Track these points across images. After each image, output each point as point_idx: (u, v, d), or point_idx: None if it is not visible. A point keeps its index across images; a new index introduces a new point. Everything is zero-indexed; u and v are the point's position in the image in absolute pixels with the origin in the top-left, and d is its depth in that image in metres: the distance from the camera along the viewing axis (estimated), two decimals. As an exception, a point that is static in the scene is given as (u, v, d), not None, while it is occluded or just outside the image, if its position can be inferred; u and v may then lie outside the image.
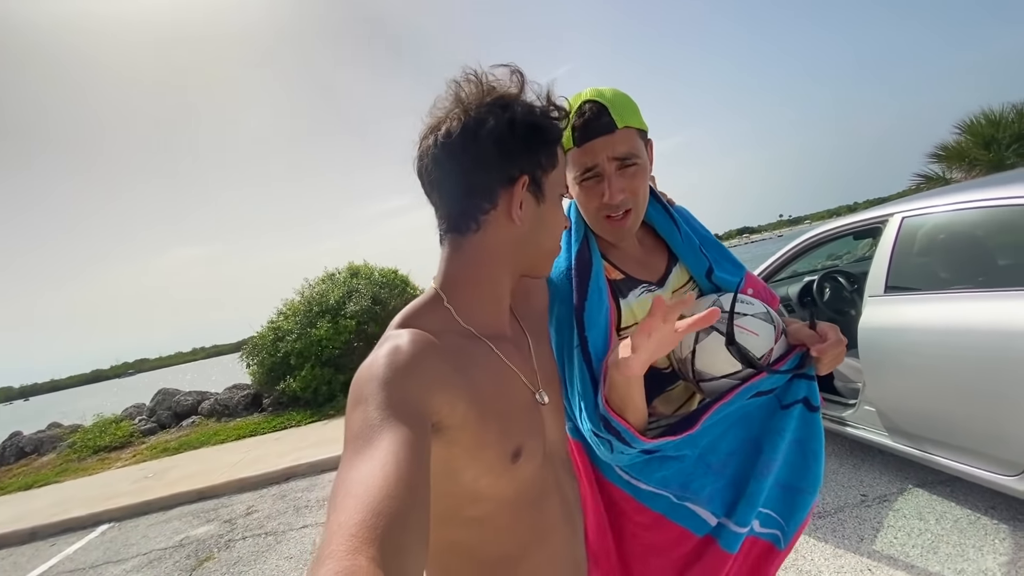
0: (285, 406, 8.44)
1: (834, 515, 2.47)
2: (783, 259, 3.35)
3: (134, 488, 5.59)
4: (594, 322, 0.84)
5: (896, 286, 2.41)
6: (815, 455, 0.89)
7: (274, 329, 8.90)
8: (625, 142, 0.85)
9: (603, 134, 0.84)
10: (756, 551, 0.90)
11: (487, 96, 0.65)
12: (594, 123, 0.84)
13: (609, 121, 0.84)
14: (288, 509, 4.24)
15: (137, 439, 8.28)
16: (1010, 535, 2.07)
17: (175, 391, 9.93)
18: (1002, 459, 1.92)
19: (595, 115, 0.84)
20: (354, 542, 0.38)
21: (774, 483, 0.88)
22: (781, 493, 0.89)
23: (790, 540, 0.89)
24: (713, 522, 0.87)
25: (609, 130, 0.84)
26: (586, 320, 0.84)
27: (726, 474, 0.88)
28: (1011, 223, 2.06)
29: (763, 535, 0.89)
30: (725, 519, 0.86)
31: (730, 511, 0.86)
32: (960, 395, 2.06)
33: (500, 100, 0.64)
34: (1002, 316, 1.89)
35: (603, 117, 0.84)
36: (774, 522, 0.89)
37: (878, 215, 2.69)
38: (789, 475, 0.89)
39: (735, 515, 0.85)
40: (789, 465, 0.89)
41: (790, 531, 0.89)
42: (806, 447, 0.89)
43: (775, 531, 0.89)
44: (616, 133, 0.84)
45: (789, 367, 0.83)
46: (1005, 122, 9.06)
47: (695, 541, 0.88)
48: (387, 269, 9.92)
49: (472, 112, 0.64)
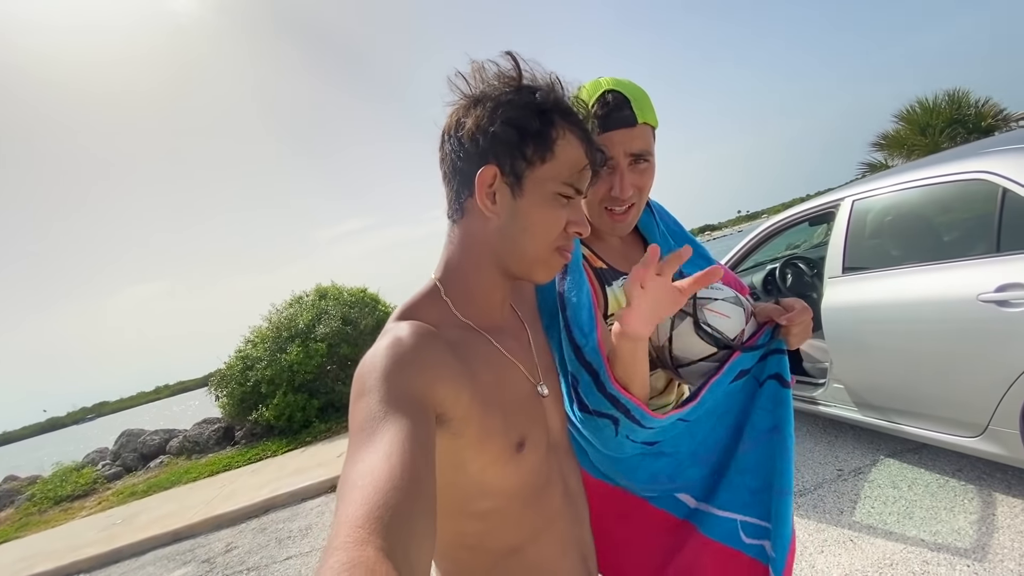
0: (259, 437, 8.17)
1: (814, 491, 2.54)
2: (745, 249, 3.46)
3: (102, 536, 5.28)
4: (575, 301, 0.83)
5: (853, 266, 2.52)
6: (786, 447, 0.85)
7: (242, 358, 8.62)
8: (642, 138, 0.84)
9: (622, 127, 0.82)
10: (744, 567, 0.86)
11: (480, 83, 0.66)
12: (615, 115, 0.82)
13: (630, 115, 0.82)
14: (270, 542, 4.09)
15: (102, 485, 7.85)
16: (977, 494, 2.17)
17: (140, 431, 9.48)
18: (963, 422, 2.02)
19: (617, 106, 0.82)
20: (361, 533, 0.38)
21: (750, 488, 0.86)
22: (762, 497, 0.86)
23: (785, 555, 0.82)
24: (693, 504, 0.88)
25: (629, 123, 0.82)
26: (567, 300, 0.83)
27: (710, 462, 0.89)
28: (950, 199, 2.20)
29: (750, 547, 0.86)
30: (705, 504, 0.87)
31: (710, 495, 0.88)
32: (918, 364, 2.16)
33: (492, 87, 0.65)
34: (950, 286, 2.00)
35: (624, 110, 0.82)
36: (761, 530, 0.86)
37: (830, 200, 2.81)
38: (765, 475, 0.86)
39: (714, 498, 0.87)
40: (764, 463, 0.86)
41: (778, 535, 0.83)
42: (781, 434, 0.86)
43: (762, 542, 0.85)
44: (635, 128, 0.83)
45: (762, 342, 0.86)
46: (938, 109, 9.66)
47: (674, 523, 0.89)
48: (356, 289, 9.77)
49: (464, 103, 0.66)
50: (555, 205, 0.66)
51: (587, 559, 0.79)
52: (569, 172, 0.66)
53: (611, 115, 0.82)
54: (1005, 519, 1.97)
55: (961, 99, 9.62)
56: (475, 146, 0.64)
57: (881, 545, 2.03)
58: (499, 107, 0.63)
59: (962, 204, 2.16)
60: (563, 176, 0.65)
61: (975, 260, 1.95)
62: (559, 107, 0.65)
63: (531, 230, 0.66)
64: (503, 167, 0.64)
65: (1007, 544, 1.84)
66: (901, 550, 1.97)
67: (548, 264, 0.69)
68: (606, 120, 0.82)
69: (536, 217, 0.65)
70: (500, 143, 0.63)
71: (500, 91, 0.64)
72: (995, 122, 9.45)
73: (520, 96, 0.64)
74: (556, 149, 0.64)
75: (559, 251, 0.68)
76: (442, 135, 0.68)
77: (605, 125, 0.82)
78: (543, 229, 0.66)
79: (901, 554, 1.95)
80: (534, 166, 0.64)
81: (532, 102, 0.64)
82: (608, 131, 0.82)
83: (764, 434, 0.87)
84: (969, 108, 9.53)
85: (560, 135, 0.65)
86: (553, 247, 0.67)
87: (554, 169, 0.65)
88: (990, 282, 1.84)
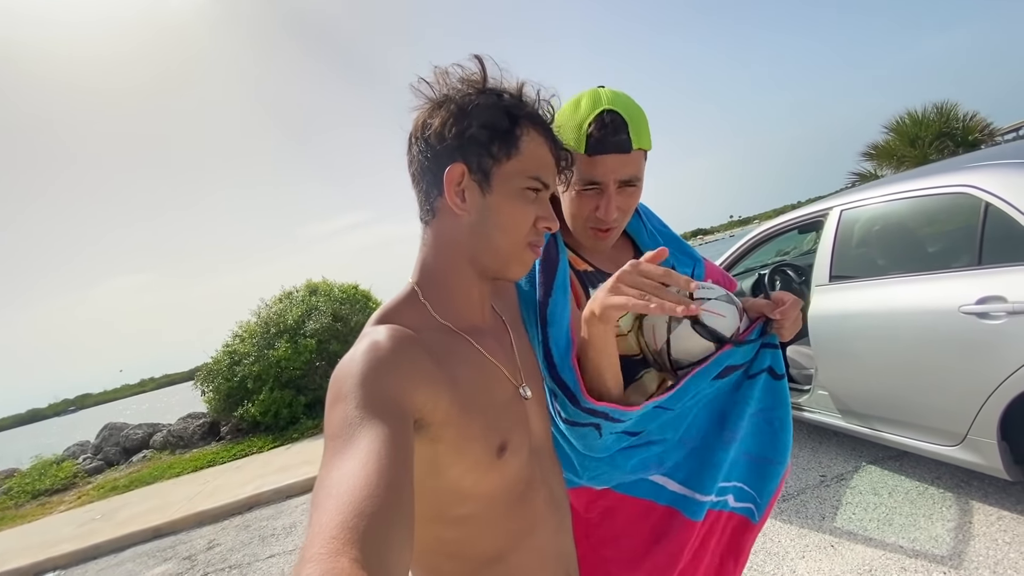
0: (245, 433, 8.10)
1: (797, 497, 2.57)
2: (736, 255, 3.49)
3: (80, 532, 5.21)
4: (557, 319, 0.83)
5: (839, 275, 2.56)
6: (782, 424, 0.91)
7: (230, 353, 8.54)
8: (634, 164, 0.83)
9: (616, 151, 0.81)
10: (732, 525, 0.92)
11: (444, 87, 0.66)
12: (611, 138, 0.81)
13: (626, 140, 0.81)
14: (253, 539, 4.06)
15: (82, 479, 7.75)
16: (955, 502, 2.21)
17: (123, 425, 9.37)
18: (943, 430, 2.06)
19: (614, 129, 0.81)
20: (335, 544, 0.37)
21: (743, 455, 0.90)
22: (751, 465, 0.91)
23: (764, 512, 0.91)
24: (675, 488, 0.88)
25: (624, 149, 0.81)
26: (549, 317, 0.83)
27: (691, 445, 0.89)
28: (934, 211, 2.23)
29: (738, 509, 0.91)
30: (688, 489, 0.88)
31: (693, 480, 0.88)
32: (901, 373, 2.20)
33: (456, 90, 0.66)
34: (932, 297, 2.04)
35: (621, 134, 0.81)
36: (747, 495, 0.91)
37: (819, 209, 2.84)
38: (758, 446, 0.91)
39: (698, 484, 0.87)
40: (757, 436, 0.91)
41: (763, 503, 0.91)
42: (772, 415, 0.91)
43: (748, 504, 0.91)
44: (630, 154, 0.82)
45: (754, 336, 0.86)
46: (927, 121, 9.81)
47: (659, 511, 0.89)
48: (347, 285, 9.72)
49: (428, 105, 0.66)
50: (523, 200, 0.67)
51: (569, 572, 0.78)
52: (535, 167, 0.67)
53: (607, 139, 0.81)
54: (981, 527, 2.01)
55: (949, 112, 9.79)
56: (442, 146, 0.65)
57: (861, 551, 2.06)
58: (464, 106, 0.64)
59: (946, 217, 2.20)
60: (529, 171, 0.67)
61: (958, 272, 1.99)
62: (523, 107, 0.67)
63: (501, 225, 0.67)
64: (470, 165, 0.65)
65: (982, 552, 1.88)
66: (880, 556, 2.00)
67: (521, 260, 0.70)
68: (601, 143, 0.81)
69: (506, 212, 0.67)
70: (466, 141, 0.64)
71: (465, 92, 0.66)
72: (981, 135, 9.62)
73: (485, 97, 0.65)
74: (521, 146, 0.66)
75: (530, 246, 0.69)
76: (409, 138, 0.69)
77: (600, 148, 0.81)
78: (513, 224, 0.67)
79: (880, 560, 1.98)
80: (500, 163, 0.65)
81: (497, 102, 0.65)
82: (603, 154, 0.81)
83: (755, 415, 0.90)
84: (957, 122, 9.70)
85: (525, 132, 0.66)
86: (524, 242, 0.69)
87: (520, 165, 0.66)
88: (971, 294, 1.87)
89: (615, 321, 0.74)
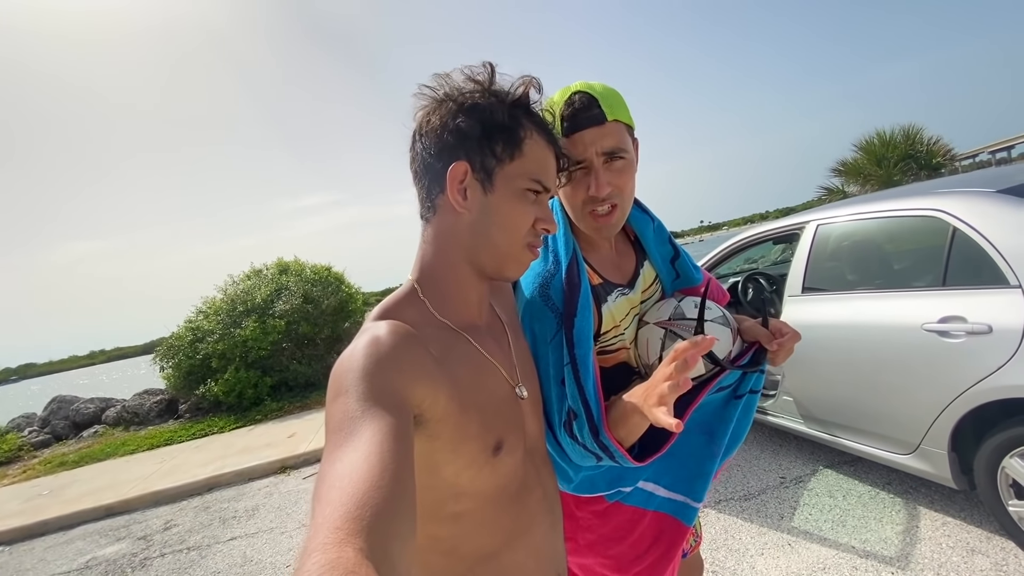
0: (205, 412, 7.87)
1: (757, 497, 2.68)
2: (714, 260, 3.58)
3: (26, 507, 4.99)
4: (582, 339, 0.83)
5: (812, 287, 2.66)
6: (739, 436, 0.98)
7: (192, 329, 8.27)
8: (614, 135, 0.83)
9: (592, 126, 0.82)
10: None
11: (448, 88, 0.67)
12: (583, 114, 0.82)
13: (599, 113, 0.82)
14: (213, 521, 3.97)
15: (27, 453, 7.40)
16: (904, 507, 2.34)
17: (73, 398, 8.97)
18: (898, 439, 2.18)
19: (584, 106, 0.82)
20: (340, 534, 0.37)
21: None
22: None
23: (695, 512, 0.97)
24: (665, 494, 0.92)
25: (598, 122, 0.82)
26: (576, 337, 0.83)
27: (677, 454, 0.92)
28: (905, 232, 2.34)
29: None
30: (684, 497, 0.92)
31: (688, 489, 0.92)
32: (863, 384, 2.31)
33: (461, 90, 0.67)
34: (894, 313, 2.15)
35: (593, 109, 0.82)
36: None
37: (796, 222, 2.94)
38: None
39: (692, 492, 0.92)
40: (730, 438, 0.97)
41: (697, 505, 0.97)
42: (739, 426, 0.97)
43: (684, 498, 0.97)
44: (605, 125, 0.82)
45: (747, 363, 0.90)
46: (894, 142, 10.22)
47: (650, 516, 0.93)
48: (319, 266, 9.51)
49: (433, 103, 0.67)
50: (524, 201, 0.68)
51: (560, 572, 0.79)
52: (537, 169, 0.68)
53: (579, 115, 0.82)
54: (927, 531, 2.14)
55: (915, 136, 10.23)
56: (446, 143, 0.66)
57: (816, 550, 2.17)
58: (469, 105, 0.66)
59: (916, 238, 2.31)
60: (531, 173, 0.68)
61: (922, 292, 2.10)
62: (526, 108, 0.69)
63: (501, 225, 0.68)
64: (473, 163, 0.66)
65: (928, 555, 2.00)
66: (833, 556, 2.11)
67: (518, 260, 0.71)
68: (575, 120, 0.82)
69: (506, 212, 0.68)
70: (470, 140, 0.65)
71: (469, 91, 0.67)
72: (944, 160, 10.10)
73: (489, 96, 0.67)
74: (524, 147, 0.67)
75: (529, 247, 0.71)
76: (412, 135, 0.69)
77: (574, 125, 0.82)
78: (513, 224, 0.68)
79: (833, 559, 2.09)
80: (503, 163, 0.67)
81: (500, 102, 0.67)
82: (578, 131, 0.82)
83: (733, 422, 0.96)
84: (922, 145, 10.14)
85: (527, 134, 0.68)
86: (523, 243, 0.70)
87: (523, 166, 0.67)
88: (934, 313, 1.97)
89: None
